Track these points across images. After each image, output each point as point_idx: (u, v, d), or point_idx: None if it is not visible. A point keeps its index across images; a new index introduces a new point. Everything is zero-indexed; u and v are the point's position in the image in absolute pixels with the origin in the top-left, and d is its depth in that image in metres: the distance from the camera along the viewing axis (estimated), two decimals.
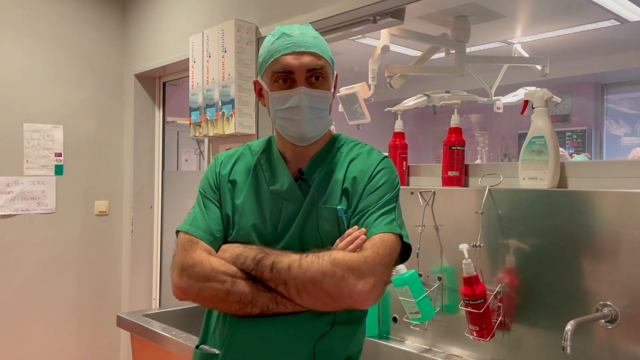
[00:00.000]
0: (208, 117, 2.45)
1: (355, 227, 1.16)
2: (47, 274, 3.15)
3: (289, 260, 1.10)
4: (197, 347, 1.26)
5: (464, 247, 1.54)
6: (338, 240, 1.15)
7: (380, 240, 1.12)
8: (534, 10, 3.27)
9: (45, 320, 3.14)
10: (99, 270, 3.35)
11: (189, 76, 2.59)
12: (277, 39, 1.18)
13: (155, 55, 3.13)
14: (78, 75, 3.25)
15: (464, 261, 1.52)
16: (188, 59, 2.63)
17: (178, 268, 1.15)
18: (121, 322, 2.14)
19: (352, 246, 1.11)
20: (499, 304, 1.55)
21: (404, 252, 1.20)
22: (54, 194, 3.17)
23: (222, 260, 1.14)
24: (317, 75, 1.17)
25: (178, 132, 3.76)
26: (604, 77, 5.12)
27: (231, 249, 1.17)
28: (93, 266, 3.33)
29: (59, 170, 3.19)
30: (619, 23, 3.48)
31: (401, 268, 1.71)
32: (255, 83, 1.26)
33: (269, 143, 1.31)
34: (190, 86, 2.58)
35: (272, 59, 1.17)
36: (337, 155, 1.25)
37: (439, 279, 1.71)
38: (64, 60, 3.20)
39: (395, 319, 1.83)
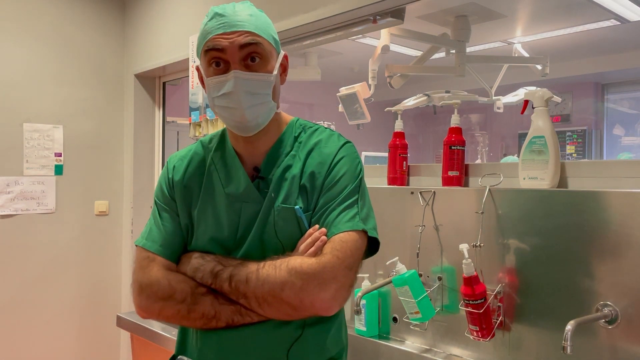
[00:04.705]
0: (208, 117, 2.45)
1: (317, 226, 1.09)
2: (47, 274, 3.15)
3: (246, 272, 1.05)
4: (174, 356, 1.22)
5: (464, 247, 1.54)
6: (299, 242, 1.09)
7: (340, 242, 1.05)
8: (534, 10, 3.27)
9: (45, 320, 3.14)
10: (99, 270, 3.35)
11: (188, 76, 2.59)
12: (209, 19, 1.08)
13: (155, 55, 3.13)
14: (78, 75, 3.25)
15: (464, 261, 1.52)
16: (188, 59, 2.63)
17: (137, 287, 1.11)
18: (121, 322, 2.15)
19: (312, 249, 1.06)
20: (499, 304, 1.54)
21: (373, 244, 1.13)
22: (54, 194, 3.17)
23: (180, 276, 1.10)
24: (253, 57, 1.07)
25: (178, 132, 3.76)
26: (604, 77, 5.11)
27: (189, 261, 1.12)
28: (93, 266, 3.33)
29: (59, 170, 3.19)
30: (619, 23, 3.47)
31: (401, 268, 1.71)
32: (198, 69, 1.15)
33: (222, 137, 1.22)
34: (190, 86, 2.58)
35: (204, 41, 1.07)
36: (294, 146, 1.16)
37: (439, 279, 1.71)
38: (64, 60, 3.20)
39: (395, 319, 1.83)
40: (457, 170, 1.71)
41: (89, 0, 3.28)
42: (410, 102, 2.40)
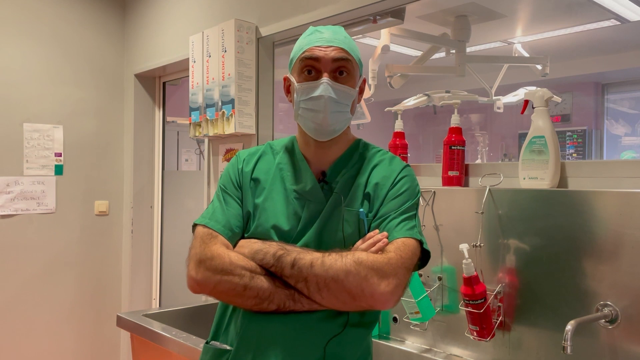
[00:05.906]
0: (208, 117, 2.45)
1: (377, 230, 1.17)
2: (47, 274, 3.15)
3: (311, 257, 1.10)
4: (207, 342, 1.26)
5: (464, 247, 1.54)
6: (359, 242, 1.16)
7: (403, 244, 1.13)
8: (534, 10, 3.27)
9: (45, 320, 3.14)
10: (99, 270, 3.35)
11: (189, 76, 2.59)
12: (309, 35, 1.22)
13: (155, 55, 3.13)
14: (78, 75, 3.26)
15: (464, 261, 1.52)
16: (188, 59, 2.63)
17: (195, 260, 1.15)
18: (121, 322, 2.14)
19: (374, 248, 1.13)
20: (499, 304, 1.54)
21: (423, 259, 1.21)
22: (54, 194, 3.17)
23: (241, 255, 1.14)
24: (342, 71, 1.19)
25: (178, 132, 3.76)
26: (604, 77, 5.11)
27: (249, 245, 1.17)
28: (93, 266, 3.33)
29: (59, 170, 3.19)
30: (619, 23, 3.47)
31: None
32: (285, 79, 1.28)
33: (291, 144, 1.32)
34: (190, 86, 2.58)
35: (301, 51, 1.20)
36: (359, 160, 1.26)
37: (439, 279, 1.71)
38: (64, 61, 3.20)
39: (395, 319, 1.83)
40: (457, 170, 1.72)
41: (89, 1, 3.28)
42: (410, 102, 2.40)
